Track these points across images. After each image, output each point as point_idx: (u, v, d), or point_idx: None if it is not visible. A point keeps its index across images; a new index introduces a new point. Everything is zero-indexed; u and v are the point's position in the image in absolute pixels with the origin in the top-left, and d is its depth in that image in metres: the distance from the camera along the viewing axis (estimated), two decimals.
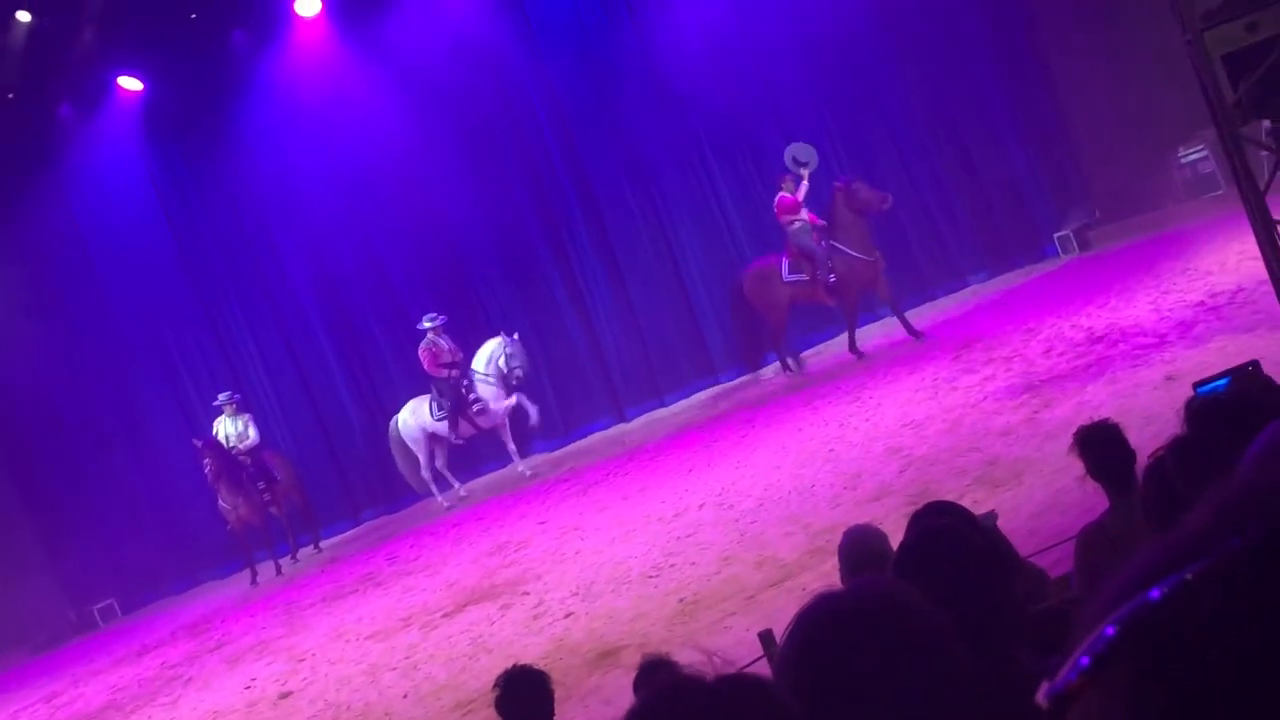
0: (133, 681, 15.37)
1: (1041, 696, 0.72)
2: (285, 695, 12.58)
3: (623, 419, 20.37)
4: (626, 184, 20.46)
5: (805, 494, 12.33)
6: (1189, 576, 0.69)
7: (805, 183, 18.12)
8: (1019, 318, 15.99)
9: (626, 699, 8.99)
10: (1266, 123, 9.28)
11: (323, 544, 19.65)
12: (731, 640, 9.41)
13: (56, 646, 20.01)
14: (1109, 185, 19.80)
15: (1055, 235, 19.69)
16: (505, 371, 18.55)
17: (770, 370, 19.25)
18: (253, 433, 19.12)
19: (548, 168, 20.63)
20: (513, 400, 18.79)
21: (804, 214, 18.09)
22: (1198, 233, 16.47)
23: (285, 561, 18.98)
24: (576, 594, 12.08)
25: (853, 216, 17.72)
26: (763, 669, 7.48)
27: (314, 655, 13.41)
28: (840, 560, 5.82)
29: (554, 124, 20.53)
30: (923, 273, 20.10)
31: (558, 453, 19.67)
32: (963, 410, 13.03)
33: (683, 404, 19.96)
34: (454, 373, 18.74)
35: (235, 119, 20.59)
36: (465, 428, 18.91)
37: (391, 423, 19.39)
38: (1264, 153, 9.85)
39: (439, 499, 19.04)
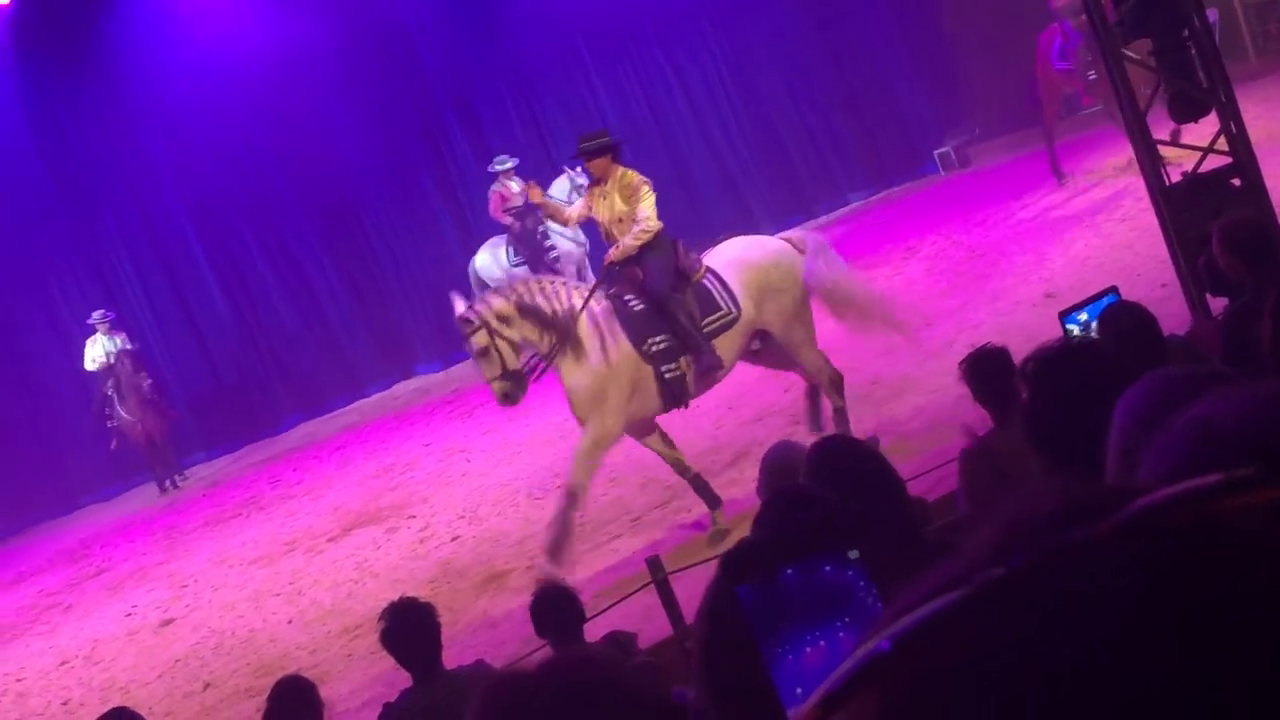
0: (10, 609, 15.10)
1: None
2: (167, 622, 12.43)
3: None
4: (510, 103, 20.26)
5: (688, 416, 12.29)
6: (932, 609, 0.69)
7: None
8: (900, 235, 16.10)
9: (514, 622, 9.01)
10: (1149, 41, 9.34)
11: (209, 466, 19.33)
12: (618, 563, 9.46)
13: None
14: (989, 102, 19.93)
15: (935, 152, 19.81)
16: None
17: None
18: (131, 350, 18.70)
19: (427, 83, 20.38)
20: (584, 249, 18.02)
21: None
22: (1076, 149, 16.63)
23: (169, 483, 18.71)
24: (463, 517, 12.04)
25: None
26: (650, 595, 7.51)
27: (196, 581, 13.26)
28: (762, 475, 5.78)
29: (435, 39, 20.24)
30: (803, 190, 20.16)
31: (442, 374, 19.52)
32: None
33: None
34: (516, 223, 17.94)
35: (105, 33, 19.99)
36: (545, 274, 18.14)
37: (470, 264, 18.51)
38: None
39: None
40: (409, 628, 5.68)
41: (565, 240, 17.79)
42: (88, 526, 18.41)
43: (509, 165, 18.27)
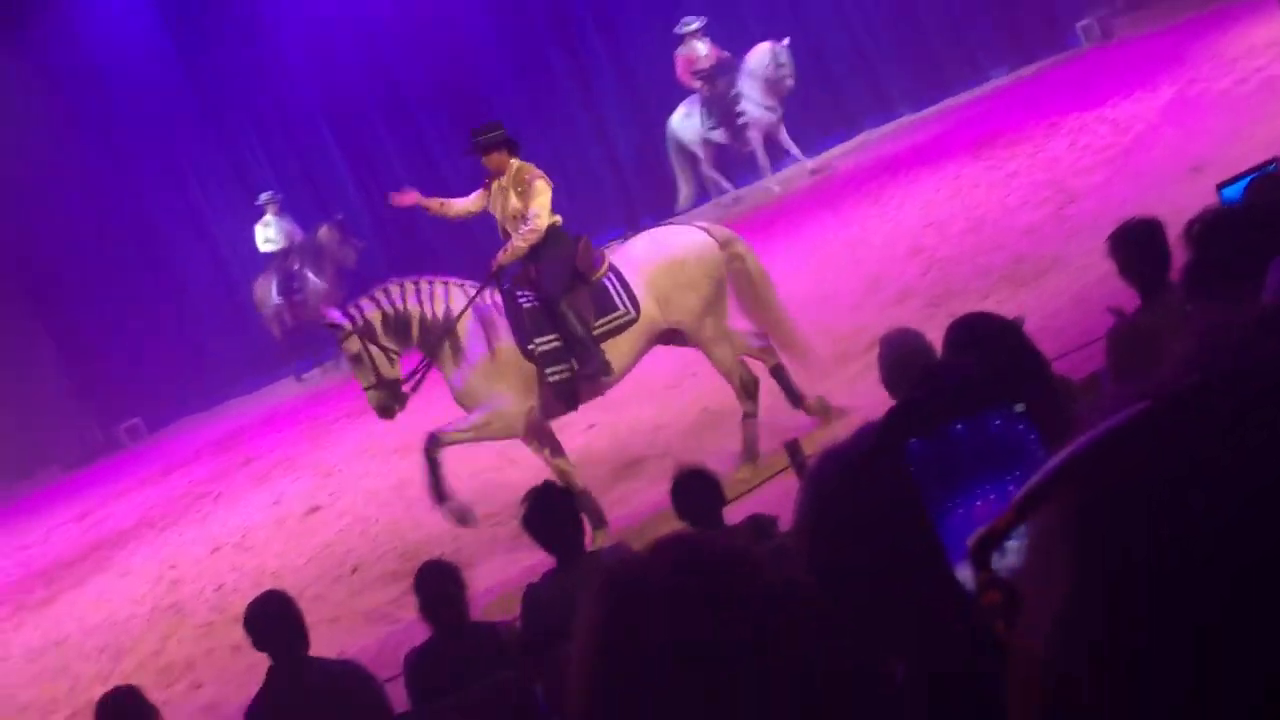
0: (162, 499, 15.53)
1: (970, 540, 0.74)
2: (314, 510, 12.70)
3: (637, 227, 20.18)
4: None
5: (826, 299, 12.23)
6: (1127, 416, 0.71)
7: None
8: (1041, 112, 15.68)
9: (652, 508, 9.05)
10: None
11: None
12: None
13: (85, 466, 20.22)
14: None
15: (1077, 24, 19.21)
16: (775, 80, 17.50)
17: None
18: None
19: None
20: (777, 115, 17.81)
21: None
22: (1224, 18, 16.03)
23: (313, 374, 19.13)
24: (598, 405, 12.05)
25: None
26: (790, 478, 7.47)
27: (340, 471, 13.49)
28: (882, 365, 5.69)
29: None
30: (942, 68, 19.70)
31: None
32: (986, 208, 12.86)
33: (698, 211, 19.73)
34: (705, 87, 17.85)
35: None
36: (733, 138, 18.06)
37: (667, 124, 18.64)
38: None
39: (729, 190, 18.54)
40: (550, 511, 5.71)
41: (756, 106, 17.62)
42: (233, 419, 18.84)
43: (695, 26, 18.02)
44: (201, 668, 10.10)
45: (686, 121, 18.24)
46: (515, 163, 9.48)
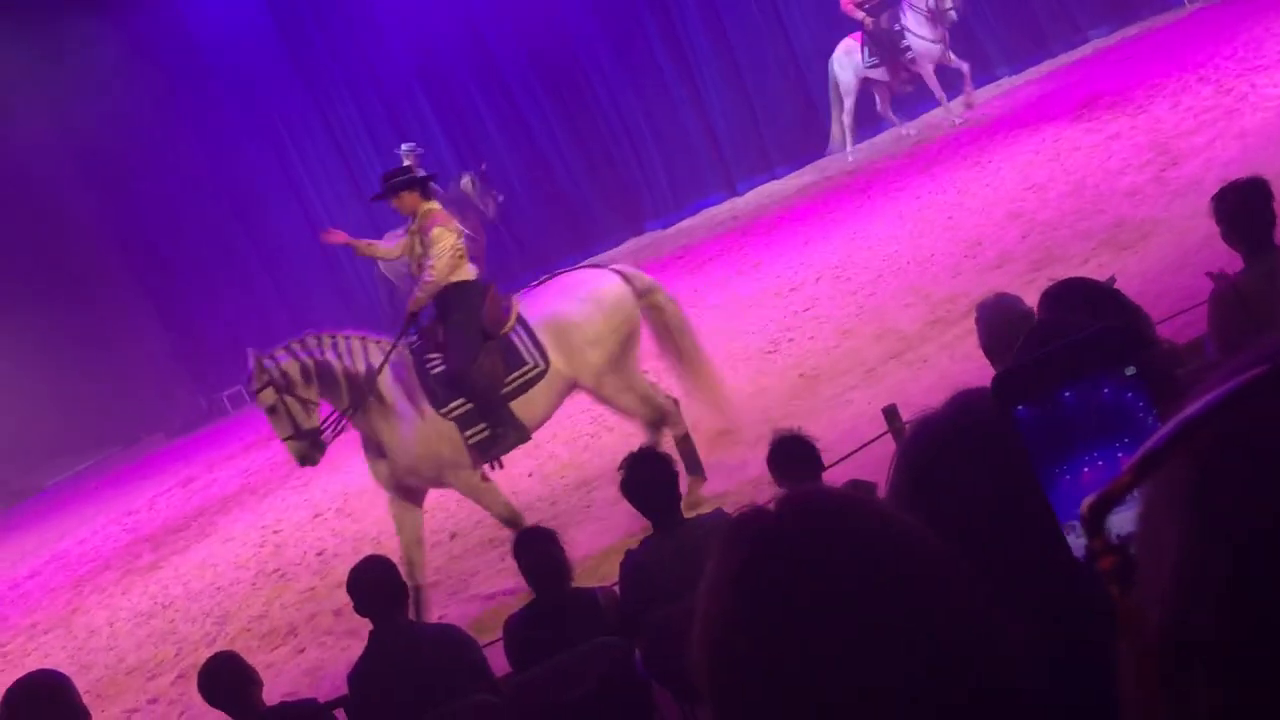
0: (264, 466, 15.76)
1: (1083, 504, 0.73)
2: None
3: (734, 193, 20.13)
4: None
5: (924, 264, 12.14)
6: (1242, 381, 0.70)
7: None
8: (1143, 72, 15.44)
9: (747, 475, 9.04)
10: None
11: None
12: (852, 414, 9.38)
13: (189, 433, 20.57)
14: None
15: None
16: (939, 12, 17.41)
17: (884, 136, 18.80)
18: None
19: None
20: (942, 47, 17.64)
21: None
22: None
23: None
24: None
25: None
26: (888, 445, 7.43)
27: None
28: (980, 330, 5.63)
29: None
30: (1041, 28, 19.44)
31: (673, 229, 19.53)
32: (1086, 171, 12.68)
33: (794, 175, 19.64)
34: (870, 20, 17.74)
35: None
36: (901, 74, 17.98)
37: (829, 63, 18.57)
38: None
39: (847, 153, 18.57)
40: (648, 476, 5.72)
41: (922, 40, 17.48)
42: None
43: None
44: (304, 632, 10.24)
45: (846, 59, 18.12)
46: (423, 206, 9.17)
